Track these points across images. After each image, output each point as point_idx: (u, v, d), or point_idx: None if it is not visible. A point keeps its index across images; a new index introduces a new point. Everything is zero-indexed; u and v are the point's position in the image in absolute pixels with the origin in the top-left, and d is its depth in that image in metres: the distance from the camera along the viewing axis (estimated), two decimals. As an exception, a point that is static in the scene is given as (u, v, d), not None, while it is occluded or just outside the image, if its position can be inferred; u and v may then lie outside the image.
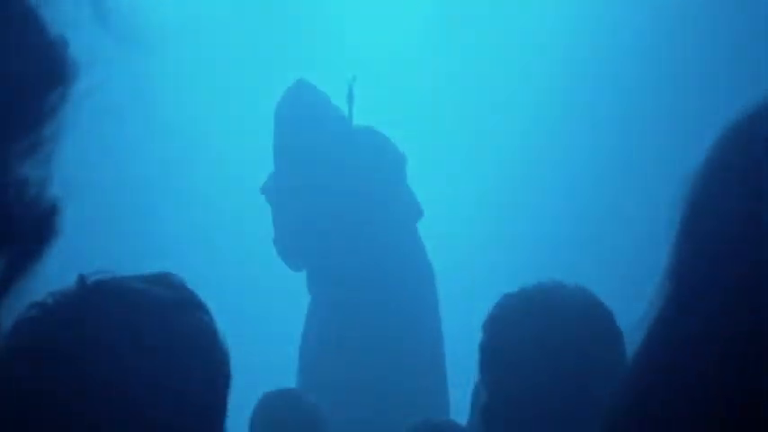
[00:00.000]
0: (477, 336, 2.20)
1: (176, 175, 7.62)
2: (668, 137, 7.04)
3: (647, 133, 7.32)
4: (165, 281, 1.35)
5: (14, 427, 1.25)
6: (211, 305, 1.39)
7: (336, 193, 5.14)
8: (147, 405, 1.28)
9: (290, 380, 4.99)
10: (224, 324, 1.39)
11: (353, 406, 4.69)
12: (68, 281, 1.31)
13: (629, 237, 7.05)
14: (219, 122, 7.86)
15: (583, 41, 7.61)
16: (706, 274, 0.99)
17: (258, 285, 7.19)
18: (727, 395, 0.92)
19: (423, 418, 2.46)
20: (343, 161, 5.17)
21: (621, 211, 7.27)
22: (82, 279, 1.32)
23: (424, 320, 5.11)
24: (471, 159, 7.87)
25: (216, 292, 1.57)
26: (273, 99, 5.35)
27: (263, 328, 6.80)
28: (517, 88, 7.80)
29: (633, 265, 6.71)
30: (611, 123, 7.55)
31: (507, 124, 7.84)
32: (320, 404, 3.59)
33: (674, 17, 7.27)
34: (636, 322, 1.07)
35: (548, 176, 7.70)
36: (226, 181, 7.66)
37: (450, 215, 7.36)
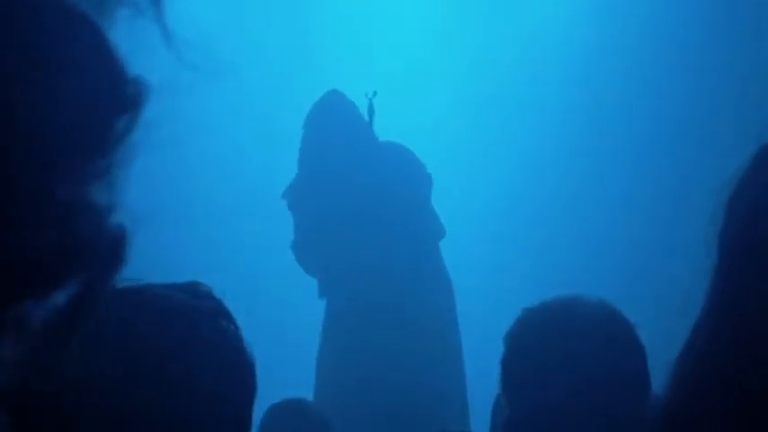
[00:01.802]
0: (495, 346, 2.20)
1: (193, 183, 7.59)
2: (698, 141, 7.00)
3: (674, 136, 7.27)
4: (192, 289, 1.35)
5: (35, 428, 1.25)
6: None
7: (360, 204, 5.14)
8: (169, 410, 1.28)
9: (308, 386, 4.99)
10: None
11: (371, 414, 4.67)
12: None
13: (653, 247, 7.02)
14: (238, 130, 7.83)
15: (606, 45, 7.58)
16: (748, 278, 1.00)
17: (274, 293, 7.18)
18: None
19: (440, 430, 2.44)
20: (369, 173, 5.17)
21: (646, 220, 7.23)
22: None
23: (444, 333, 5.09)
24: (491, 167, 7.84)
25: (233, 301, 1.58)
26: (294, 108, 5.36)
27: (280, 335, 6.79)
28: (538, 98, 7.78)
29: (657, 277, 6.69)
30: (636, 128, 7.51)
31: (526, 133, 7.82)
32: (328, 414, 3.58)
33: (686, 16, 7.27)
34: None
35: (568, 185, 7.66)
36: (243, 190, 7.63)
37: (469, 223, 7.35)
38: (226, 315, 1.37)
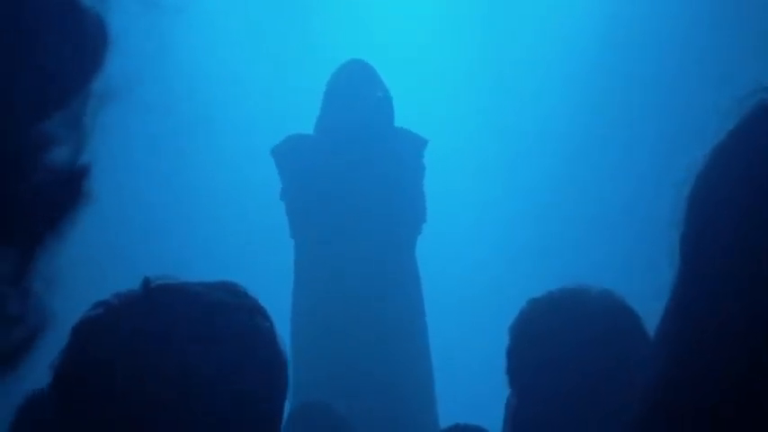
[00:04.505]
0: (502, 341, 2.21)
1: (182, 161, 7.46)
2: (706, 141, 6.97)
3: (679, 135, 7.27)
4: (228, 288, 1.38)
5: (82, 422, 1.28)
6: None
7: (357, 178, 5.11)
8: (207, 403, 1.31)
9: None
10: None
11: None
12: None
13: (657, 241, 6.99)
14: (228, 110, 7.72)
15: (615, 42, 7.57)
16: (713, 269, 1.01)
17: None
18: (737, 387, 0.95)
19: (454, 424, 2.47)
20: (380, 155, 5.15)
21: (649, 213, 7.19)
22: (146, 281, 1.35)
23: (412, 328, 5.08)
24: (495, 162, 7.80)
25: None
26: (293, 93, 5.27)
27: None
28: (541, 96, 7.76)
29: (660, 268, 6.66)
30: (638, 124, 7.49)
31: (531, 128, 7.79)
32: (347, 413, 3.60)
33: (692, 14, 7.27)
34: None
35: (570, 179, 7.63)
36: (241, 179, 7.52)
37: (467, 214, 7.33)
38: (262, 312, 1.40)
